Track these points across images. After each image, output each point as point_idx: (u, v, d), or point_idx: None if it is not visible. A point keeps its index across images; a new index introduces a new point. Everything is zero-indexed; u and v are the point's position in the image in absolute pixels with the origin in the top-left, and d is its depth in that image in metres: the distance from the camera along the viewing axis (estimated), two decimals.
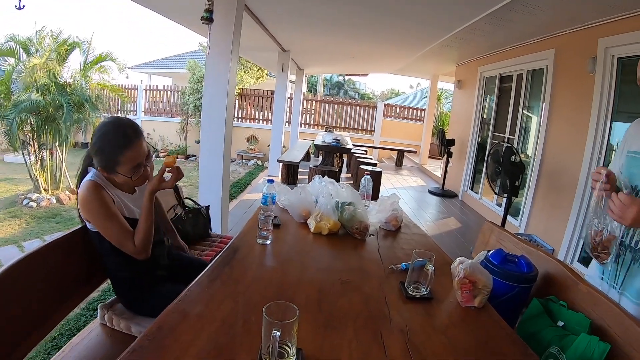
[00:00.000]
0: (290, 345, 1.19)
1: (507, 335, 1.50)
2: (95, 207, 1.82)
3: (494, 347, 1.42)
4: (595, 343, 1.48)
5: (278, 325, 1.12)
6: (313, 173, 8.78)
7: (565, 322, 1.69)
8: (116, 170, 1.89)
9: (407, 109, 16.98)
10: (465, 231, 6.73)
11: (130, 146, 1.88)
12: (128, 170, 1.90)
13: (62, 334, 3.59)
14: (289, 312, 1.19)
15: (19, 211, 8.19)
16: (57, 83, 9.04)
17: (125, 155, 1.87)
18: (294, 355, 1.20)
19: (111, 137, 1.89)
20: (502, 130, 7.58)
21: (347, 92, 40.08)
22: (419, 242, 2.50)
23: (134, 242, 1.89)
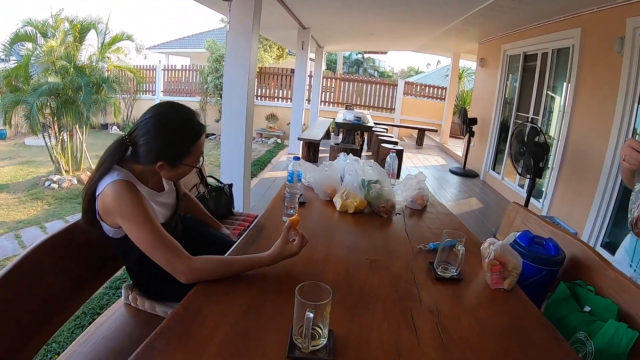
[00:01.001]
0: (322, 326, 1.18)
1: (536, 319, 1.48)
2: (130, 208, 1.56)
3: (523, 331, 1.41)
4: (623, 330, 1.45)
5: (311, 307, 1.11)
6: (334, 151, 8.76)
7: (593, 308, 1.67)
8: (182, 163, 1.72)
9: (428, 87, 16.76)
10: (486, 212, 6.67)
11: (200, 136, 1.76)
12: (195, 160, 1.76)
13: (85, 313, 3.62)
14: (322, 293, 1.18)
15: (40, 193, 8.31)
16: (75, 65, 9.10)
17: (196, 145, 1.73)
18: (325, 337, 1.19)
19: (182, 130, 1.73)
20: (526, 110, 7.44)
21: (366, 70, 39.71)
22: (445, 222, 2.47)
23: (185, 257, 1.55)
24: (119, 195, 1.56)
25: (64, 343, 3.26)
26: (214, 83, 14.88)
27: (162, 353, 1.12)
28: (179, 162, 1.71)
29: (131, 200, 1.56)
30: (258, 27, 4.42)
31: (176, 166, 1.72)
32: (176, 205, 2.03)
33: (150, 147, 1.66)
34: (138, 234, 1.57)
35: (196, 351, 1.15)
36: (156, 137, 1.66)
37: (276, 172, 8.59)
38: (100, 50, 9.82)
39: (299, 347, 1.16)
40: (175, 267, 1.54)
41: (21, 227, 6.62)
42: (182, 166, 1.73)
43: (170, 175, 1.78)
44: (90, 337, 1.89)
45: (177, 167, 1.73)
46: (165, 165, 1.68)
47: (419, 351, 1.22)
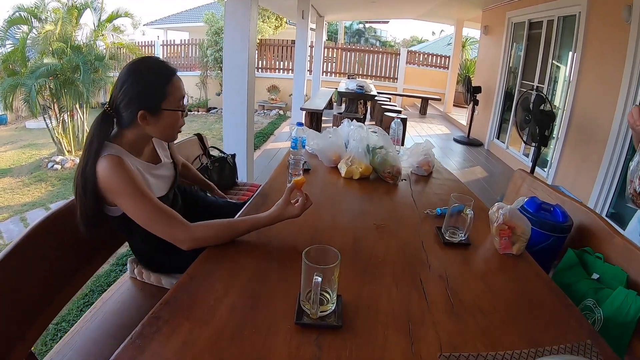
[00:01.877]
0: (330, 292, 1.16)
1: (545, 284, 1.46)
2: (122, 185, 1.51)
3: (533, 296, 1.39)
4: (632, 298, 1.44)
5: (319, 270, 1.09)
6: (337, 120, 8.70)
7: (601, 275, 1.65)
8: (162, 108, 1.62)
9: (431, 56, 16.57)
10: (491, 180, 6.66)
11: (172, 77, 1.67)
12: (176, 103, 1.66)
13: (92, 290, 3.64)
14: (329, 256, 1.16)
15: (44, 174, 8.29)
16: (72, 45, 9.01)
17: (172, 85, 1.65)
18: (334, 302, 1.17)
19: (152, 72, 1.66)
20: (531, 79, 7.34)
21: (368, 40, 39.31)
22: (452, 188, 2.45)
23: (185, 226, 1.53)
24: (108, 172, 1.50)
25: (74, 322, 3.27)
26: (213, 56, 14.73)
27: (168, 322, 1.11)
28: (159, 106, 1.62)
29: (121, 176, 1.50)
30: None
31: (158, 114, 1.63)
32: (174, 177, 1.98)
33: (127, 100, 1.59)
34: (134, 209, 1.54)
35: (203, 319, 1.13)
36: (130, 87, 1.59)
37: (279, 143, 8.60)
38: (96, 29, 9.72)
39: (307, 313, 1.14)
40: (175, 237, 1.52)
41: (26, 210, 6.62)
42: (163, 113, 1.64)
43: (158, 129, 1.68)
44: (97, 313, 1.89)
45: (159, 114, 1.63)
46: (146, 115, 1.60)
47: (430, 316, 1.20)
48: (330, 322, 1.13)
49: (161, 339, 1.05)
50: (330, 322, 1.13)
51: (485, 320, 1.21)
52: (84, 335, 1.74)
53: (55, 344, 2.97)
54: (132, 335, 1.06)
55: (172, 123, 1.69)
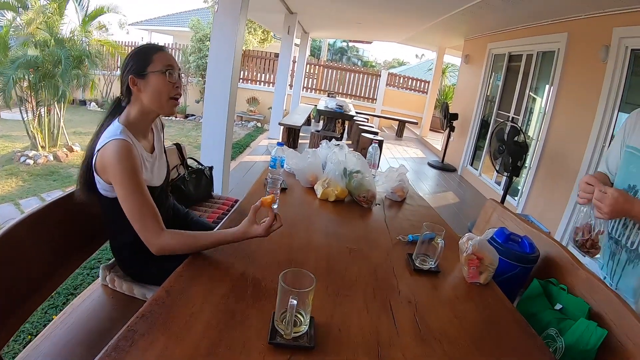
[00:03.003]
0: (304, 313, 1.19)
1: (510, 314, 1.52)
2: (124, 172, 1.60)
3: (498, 325, 1.44)
4: (593, 328, 1.49)
5: (295, 294, 1.12)
6: (315, 138, 8.76)
7: (564, 306, 1.70)
8: (147, 71, 1.75)
9: (411, 80, 16.81)
10: (463, 206, 6.76)
11: (160, 50, 1.83)
12: (161, 66, 1.76)
13: (59, 293, 3.56)
14: (305, 280, 1.19)
15: (15, 169, 8.12)
16: (56, 38, 8.86)
17: (157, 54, 1.78)
18: (307, 324, 1.21)
19: (142, 47, 1.85)
20: (507, 109, 7.55)
21: (350, 59, 39.63)
22: (424, 215, 2.51)
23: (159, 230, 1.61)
24: (118, 156, 1.59)
25: (37, 323, 3.22)
26: (196, 63, 14.70)
27: (144, 336, 1.12)
28: (145, 69, 1.74)
29: (127, 165, 1.60)
30: (247, 9, 4.39)
31: (145, 77, 1.75)
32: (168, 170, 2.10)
33: (123, 74, 1.78)
34: (125, 198, 1.61)
35: (179, 334, 1.15)
36: (126, 62, 1.79)
37: (255, 156, 8.57)
38: (81, 25, 9.62)
39: (281, 333, 1.17)
40: (147, 238, 1.61)
41: None
42: (150, 75, 1.75)
43: (148, 95, 1.78)
44: (67, 319, 1.87)
45: (147, 78, 1.75)
46: (135, 79, 1.74)
47: (398, 341, 1.24)
48: (302, 342, 1.16)
49: (136, 353, 1.07)
50: (302, 343, 1.16)
51: (450, 347, 1.25)
52: (53, 340, 1.73)
53: (18, 345, 2.95)
54: (107, 348, 1.06)
55: (159, 87, 1.77)
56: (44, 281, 1.79)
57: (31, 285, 1.70)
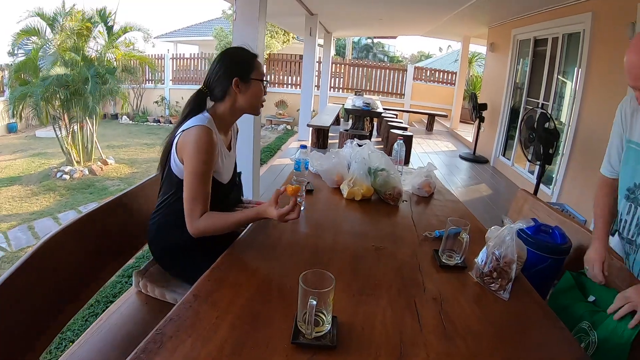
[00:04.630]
0: (325, 313, 1.20)
1: (539, 308, 1.49)
2: (202, 152, 1.75)
3: (526, 319, 1.43)
4: (627, 321, 1.44)
5: (314, 294, 1.13)
6: (343, 137, 8.75)
7: (597, 298, 1.67)
8: (251, 77, 1.93)
9: (438, 72, 16.65)
10: (496, 198, 6.66)
11: (256, 56, 2.01)
12: (261, 74, 1.97)
13: (98, 301, 3.70)
14: (325, 281, 1.20)
15: (53, 184, 8.39)
16: (83, 57, 9.11)
17: (256, 62, 1.97)
18: (329, 323, 1.22)
19: (242, 50, 2.01)
20: (536, 96, 7.37)
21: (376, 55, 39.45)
22: (452, 209, 2.48)
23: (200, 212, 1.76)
24: (199, 139, 1.76)
25: (78, 331, 3.33)
26: None
27: (172, 339, 1.16)
28: (248, 75, 1.92)
29: (204, 149, 1.76)
30: (265, 15, 4.41)
31: (248, 82, 1.93)
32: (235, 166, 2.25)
33: (222, 72, 1.92)
34: (189, 176, 1.76)
35: (205, 336, 1.18)
36: (225, 62, 1.95)
37: (286, 159, 8.62)
38: (108, 41, 9.84)
39: (303, 333, 1.19)
40: (189, 219, 1.77)
41: (34, 219, 6.71)
42: (252, 81, 1.93)
43: (247, 97, 1.95)
44: (102, 325, 1.95)
45: (249, 82, 1.93)
46: (239, 82, 1.90)
47: (422, 339, 1.24)
48: (325, 342, 1.18)
49: (164, 355, 1.11)
50: (324, 343, 1.17)
51: (475, 343, 1.25)
52: (90, 346, 1.80)
53: (60, 352, 3.06)
54: (137, 350, 1.11)
55: (258, 93, 1.98)
56: (81, 289, 1.86)
57: (69, 293, 1.76)
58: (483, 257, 1.58)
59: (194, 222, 1.76)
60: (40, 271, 1.60)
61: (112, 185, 8.15)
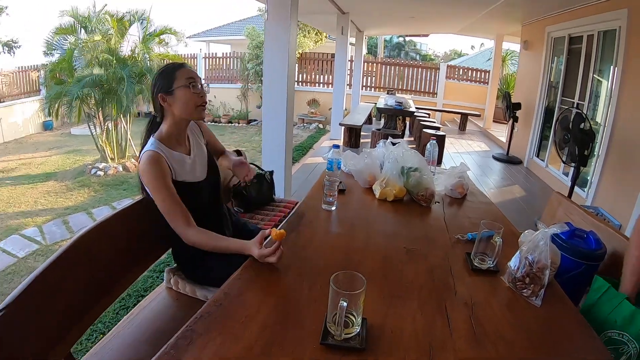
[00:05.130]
0: (355, 315, 1.20)
1: (571, 315, 1.45)
2: (152, 178, 1.87)
3: (558, 327, 1.39)
4: None
5: (345, 296, 1.14)
6: (376, 136, 8.72)
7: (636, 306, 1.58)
8: (174, 87, 1.95)
9: (471, 71, 16.41)
10: (530, 200, 6.53)
11: (181, 66, 2.03)
12: (185, 81, 1.96)
13: (129, 295, 3.79)
14: (356, 282, 1.20)
15: (87, 180, 8.60)
16: (117, 57, 9.29)
17: (180, 71, 1.98)
18: (358, 325, 1.22)
19: (162, 68, 2.07)
20: (571, 95, 7.18)
21: (408, 54, 39.25)
22: (484, 211, 2.44)
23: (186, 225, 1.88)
24: (144, 166, 1.88)
25: (109, 323, 3.41)
26: (254, 70, 14.99)
27: (201, 336, 1.18)
28: (171, 86, 1.95)
29: (152, 170, 1.86)
30: (296, 14, 4.43)
31: (172, 93, 1.96)
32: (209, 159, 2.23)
33: (152, 95, 2.02)
34: (156, 198, 1.88)
35: (234, 334, 1.20)
36: (151, 86, 2.03)
37: (317, 157, 8.63)
38: (142, 42, 10.01)
39: (333, 334, 1.19)
40: (177, 230, 1.89)
41: (69, 214, 6.90)
42: (176, 91, 1.95)
43: (178, 107, 1.98)
44: (134, 319, 2.00)
45: (173, 93, 1.96)
46: (164, 96, 1.96)
47: (451, 343, 1.23)
48: (354, 344, 1.18)
49: (194, 351, 1.13)
50: (354, 344, 1.18)
51: (506, 349, 1.23)
52: (121, 339, 1.86)
53: (90, 343, 3.14)
54: (167, 346, 1.14)
55: (186, 99, 1.98)
56: (113, 284, 1.91)
57: (102, 287, 1.82)
58: (516, 261, 1.56)
59: (184, 232, 1.88)
60: (75, 265, 1.65)
61: None
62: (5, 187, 8.28)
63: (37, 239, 5.88)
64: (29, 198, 7.66)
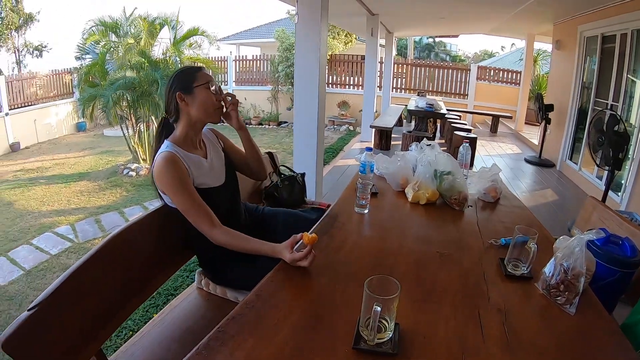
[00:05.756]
0: (388, 319, 1.20)
1: (605, 323, 1.41)
2: (170, 179, 1.85)
3: (592, 337, 1.36)
4: None
5: (379, 301, 1.13)
6: (406, 139, 8.68)
7: None
8: (193, 87, 1.96)
9: (502, 72, 16.16)
10: (562, 204, 6.41)
11: (201, 69, 2.05)
12: (204, 81, 1.98)
13: (160, 294, 3.87)
14: (390, 287, 1.20)
15: (119, 180, 8.80)
16: (149, 60, 9.46)
17: (199, 73, 2.01)
18: (391, 330, 1.21)
19: (182, 68, 2.10)
20: (605, 96, 6.97)
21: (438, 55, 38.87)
22: (518, 216, 2.40)
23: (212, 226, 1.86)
24: (159, 167, 1.85)
25: (139, 321, 3.48)
26: (284, 72, 15.08)
27: (233, 338, 1.20)
28: (191, 86, 1.96)
29: (171, 171, 1.84)
30: (327, 17, 4.44)
31: (191, 92, 1.96)
32: (227, 164, 2.22)
33: (168, 93, 2.00)
34: (177, 200, 1.87)
35: (266, 337, 1.21)
36: (168, 85, 2.01)
37: (348, 159, 8.63)
38: (173, 45, 10.16)
39: (365, 339, 1.19)
40: (202, 230, 1.87)
41: (101, 212, 7.09)
42: (195, 90, 1.96)
43: (196, 108, 1.98)
44: (164, 318, 2.04)
45: (193, 92, 1.96)
46: (182, 95, 1.96)
47: (484, 350, 1.22)
48: (386, 349, 1.18)
49: (225, 352, 1.15)
50: (386, 350, 1.17)
51: (539, 358, 1.21)
52: (151, 337, 1.90)
53: (120, 340, 3.22)
54: (199, 346, 1.16)
55: (205, 99, 1.99)
56: (145, 283, 1.96)
57: (134, 286, 1.87)
58: (551, 268, 1.53)
59: (210, 233, 1.86)
60: (108, 264, 1.69)
61: None
62: (40, 186, 8.53)
63: (70, 237, 6.04)
64: (62, 197, 7.88)
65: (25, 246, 5.79)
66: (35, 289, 4.58)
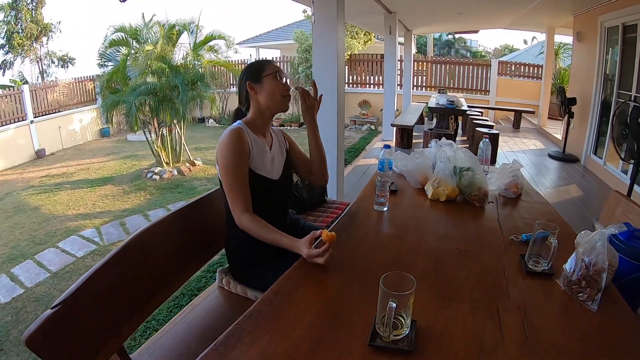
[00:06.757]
0: (405, 316, 1.20)
1: (629, 321, 1.37)
2: (228, 152, 1.92)
3: (614, 334, 1.32)
4: None
5: (394, 297, 1.13)
6: (428, 137, 8.63)
7: None
8: (262, 76, 2.06)
9: (523, 66, 15.97)
10: (587, 200, 6.29)
11: (270, 62, 2.17)
12: (273, 72, 2.07)
13: (183, 294, 3.93)
14: (406, 283, 1.20)
15: (143, 184, 8.92)
16: (170, 65, 9.57)
17: (269, 64, 2.11)
18: (407, 327, 1.21)
19: (252, 62, 2.26)
20: (628, 88, 6.78)
21: (458, 51, 38.58)
22: (539, 212, 2.35)
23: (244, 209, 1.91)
24: (227, 138, 1.93)
25: (162, 320, 3.54)
26: (304, 73, 15.10)
27: (250, 334, 1.21)
28: (259, 76, 2.06)
29: (232, 144, 1.92)
30: (343, 16, 4.43)
31: (260, 81, 2.07)
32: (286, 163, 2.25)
33: (240, 85, 2.13)
34: (224, 173, 1.93)
35: (282, 333, 1.23)
36: (240, 77, 2.15)
37: (370, 159, 8.65)
38: (193, 49, 10.25)
39: (381, 335, 1.19)
40: (233, 211, 1.92)
41: (126, 216, 7.19)
42: (264, 79, 2.06)
43: (264, 96, 2.07)
44: (186, 317, 2.08)
45: (262, 82, 2.06)
46: (252, 84, 2.07)
47: (502, 348, 1.20)
48: (402, 346, 1.17)
49: (242, 348, 1.16)
50: (402, 346, 1.17)
51: (559, 357, 1.18)
52: (173, 335, 1.94)
53: (143, 339, 3.27)
54: (216, 342, 1.17)
55: (273, 88, 2.07)
56: (167, 282, 1.99)
57: (156, 285, 1.90)
58: (572, 264, 1.50)
59: (239, 215, 1.91)
60: (131, 263, 1.73)
61: (200, 185, 8.52)
62: (65, 191, 8.69)
63: (95, 240, 6.14)
64: (87, 201, 8.01)
65: (51, 249, 5.89)
66: (61, 290, 4.66)
